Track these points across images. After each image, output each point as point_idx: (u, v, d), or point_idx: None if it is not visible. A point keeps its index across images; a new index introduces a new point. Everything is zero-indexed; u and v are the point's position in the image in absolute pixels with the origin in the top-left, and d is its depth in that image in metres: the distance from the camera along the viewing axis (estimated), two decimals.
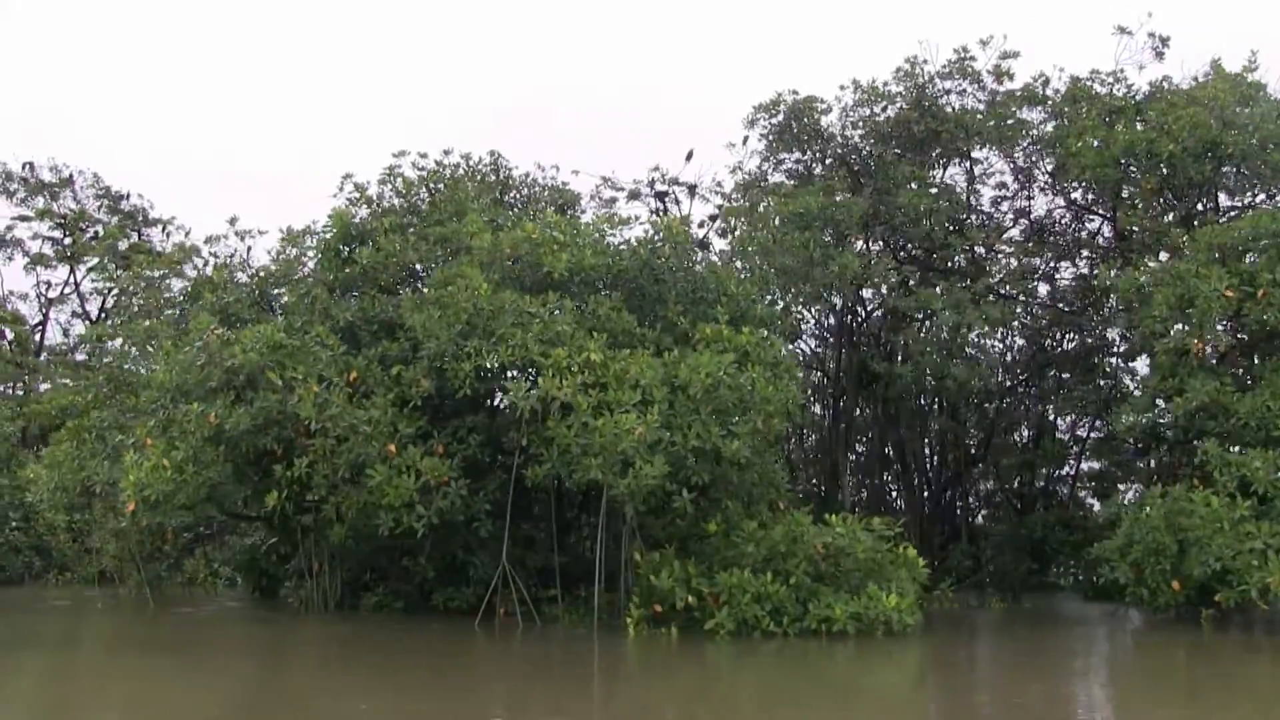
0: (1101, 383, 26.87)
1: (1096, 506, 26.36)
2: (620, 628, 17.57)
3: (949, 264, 25.81)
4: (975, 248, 25.90)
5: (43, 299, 42.58)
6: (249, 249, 25.12)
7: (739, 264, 23.73)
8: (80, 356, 42.68)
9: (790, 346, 24.33)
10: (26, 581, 29.30)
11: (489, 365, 17.62)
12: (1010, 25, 41.89)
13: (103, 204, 42.17)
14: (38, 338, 41.94)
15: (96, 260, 40.04)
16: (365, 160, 69.57)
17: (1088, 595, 24.82)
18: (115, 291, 41.29)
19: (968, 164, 27.32)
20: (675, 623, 16.96)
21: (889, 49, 60.27)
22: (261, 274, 22.95)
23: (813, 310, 25.26)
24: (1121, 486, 27.90)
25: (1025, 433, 29.04)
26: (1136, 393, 23.21)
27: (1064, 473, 28.97)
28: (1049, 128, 26.48)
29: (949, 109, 26.13)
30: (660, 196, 33.10)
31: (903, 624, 16.70)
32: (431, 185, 23.60)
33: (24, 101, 64.97)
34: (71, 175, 41.66)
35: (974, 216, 26.72)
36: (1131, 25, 26.14)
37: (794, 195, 24.31)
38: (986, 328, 23.12)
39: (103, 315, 42.58)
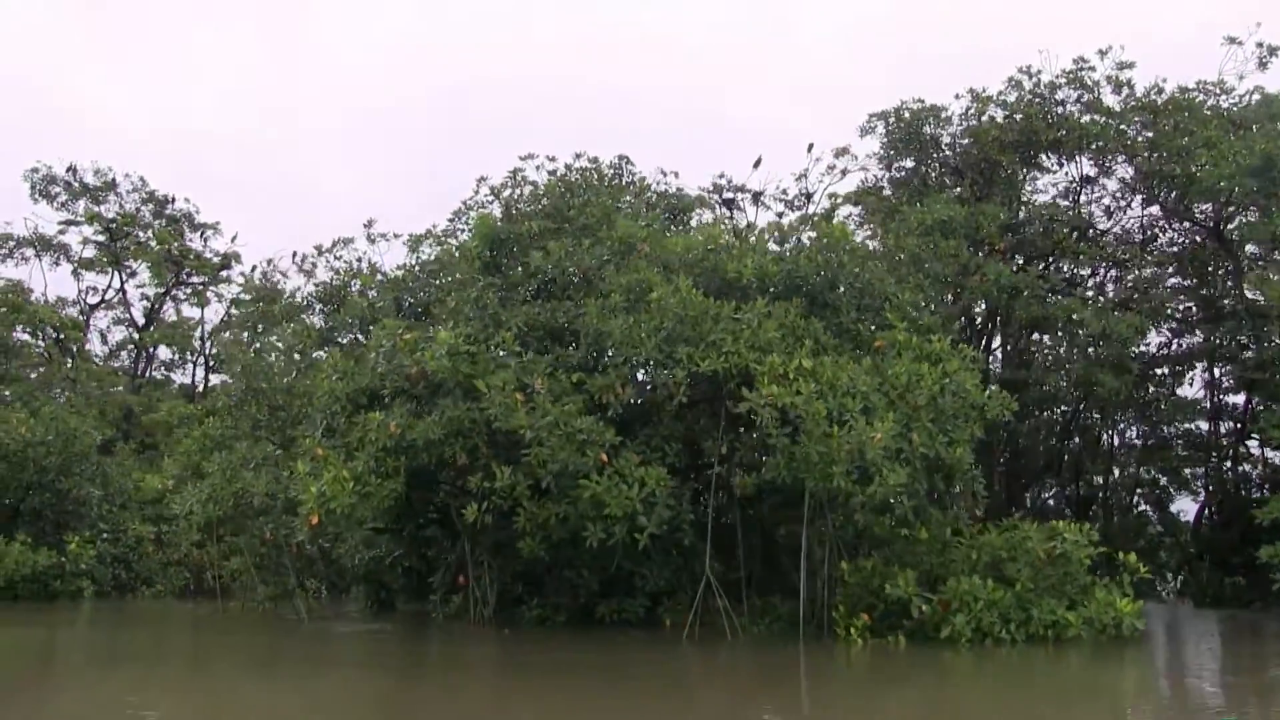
0: None
1: None
2: (815, 636, 17.43)
3: (1073, 272, 26.01)
4: (1099, 256, 26.09)
5: (84, 304, 41.42)
6: (365, 256, 24.65)
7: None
8: (119, 362, 41.60)
9: None
10: (111, 595, 28.22)
11: (704, 372, 17.30)
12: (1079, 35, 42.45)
13: (147, 207, 41.12)
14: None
15: (150, 265, 39.01)
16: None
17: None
18: (162, 294, 40.39)
19: (1083, 172, 27.55)
20: (900, 631, 16.79)
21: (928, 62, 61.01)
22: (409, 278, 22.42)
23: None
24: None
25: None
26: None
27: None
28: (1149, 134, 26.83)
29: (1069, 118, 26.33)
30: (728, 204, 33.10)
31: (1131, 628, 16.68)
32: (578, 189, 23.27)
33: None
34: (114, 178, 40.60)
35: (1095, 225, 26.95)
36: (1240, 35, 26.66)
37: (931, 204, 24.32)
38: (1129, 335, 23.28)
39: (148, 322, 41.51)
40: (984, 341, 26.25)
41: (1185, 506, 35.37)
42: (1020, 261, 25.26)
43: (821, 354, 18.15)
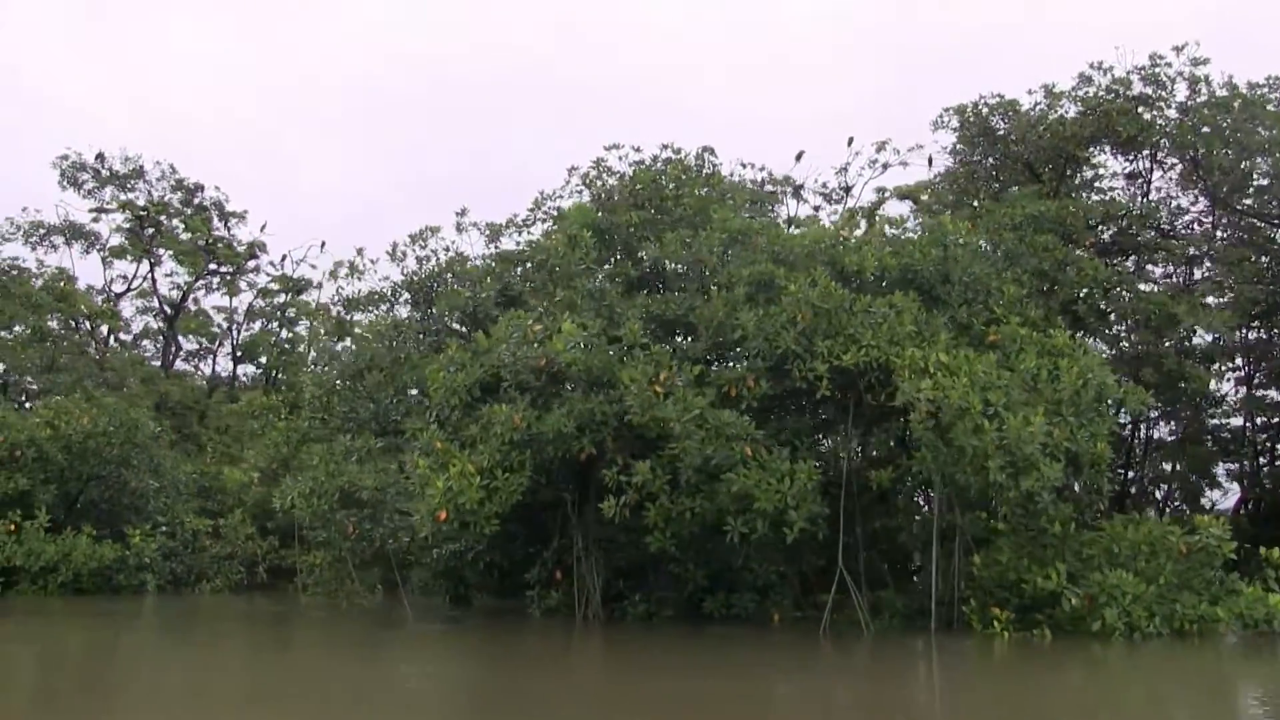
0: None
1: None
2: (938, 630, 17.46)
3: (1144, 267, 26.20)
4: (1172, 251, 26.32)
5: (110, 292, 40.59)
6: (453, 246, 24.28)
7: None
8: (144, 351, 40.85)
9: None
10: (167, 590, 27.61)
11: (847, 365, 17.23)
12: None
13: (177, 196, 40.33)
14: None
15: (184, 255, 38.28)
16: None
17: None
18: (192, 283, 39.69)
19: (1150, 167, 27.76)
20: (1044, 624, 16.85)
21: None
22: (507, 268, 22.12)
23: None
24: None
25: None
26: None
27: None
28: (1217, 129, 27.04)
29: (1145, 115, 26.51)
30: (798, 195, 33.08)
31: None
32: (669, 181, 23.08)
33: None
34: (142, 166, 39.77)
35: (1161, 221, 27.18)
36: None
37: (1019, 198, 24.41)
38: (1225, 331, 23.48)
39: (176, 311, 40.74)
40: (1079, 336, 26.40)
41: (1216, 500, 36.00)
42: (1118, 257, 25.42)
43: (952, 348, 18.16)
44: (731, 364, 18.63)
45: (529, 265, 21.91)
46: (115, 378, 33.36)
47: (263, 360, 42.08)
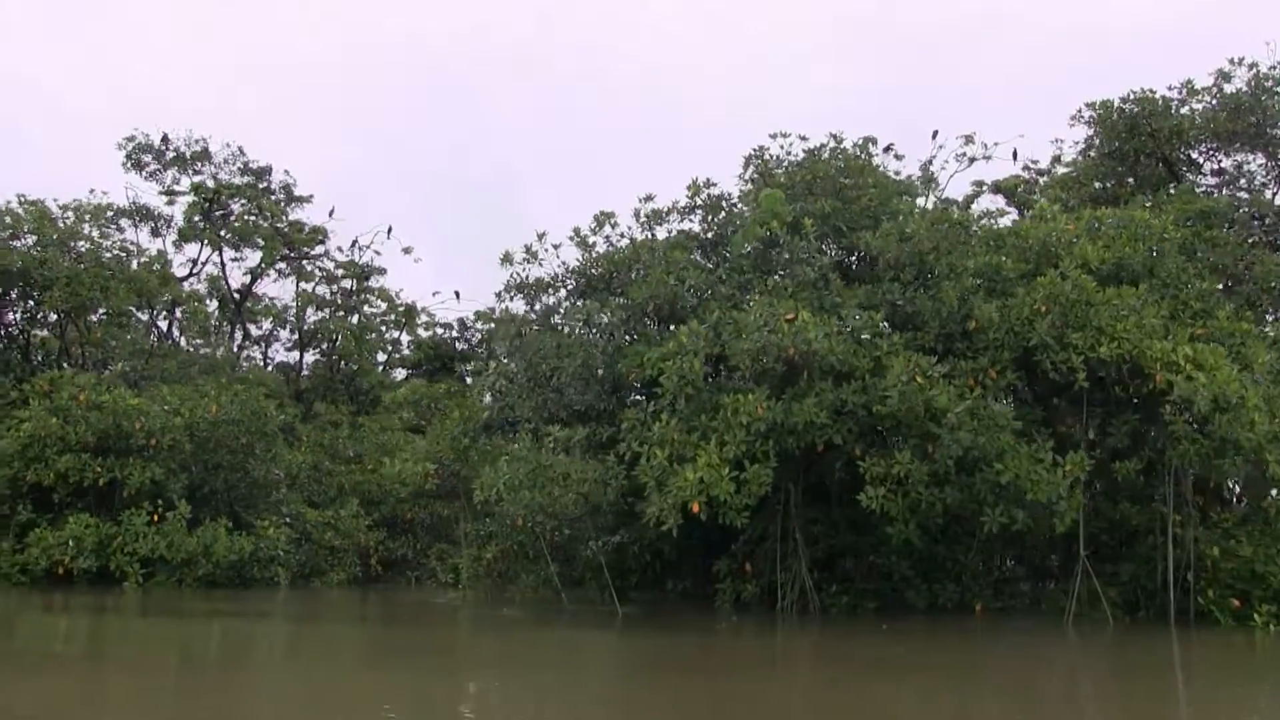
0: None
1: None
2: (1173, 620, 17.65)
3: None
4: None
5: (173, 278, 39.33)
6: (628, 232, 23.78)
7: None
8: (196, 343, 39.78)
9: None
10: (280, 582, 26.51)
11: (1102, 357, 17.26)
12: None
13: (244, 178, 39.21)
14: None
15: (263, 240, 37.27)
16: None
17: None
18: (263, 267, 38.71)
19: None
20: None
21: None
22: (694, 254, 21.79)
23: None
24: None
25: None
26: None
27: None
28: None
29: None
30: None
31: None
32: (851, 170, 22.94)
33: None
34: (206, 147, 38.57)
35: None
36: None
37: (1181, 194, 24.66)
38: None
39: (244, 296, 39.67)
40: None
41: None
42: None
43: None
44: (960, 356, 18.50)
45: (722, 253, 21.61)
46: (206, 364, 32.38)
47: (323, 347, 41.19)
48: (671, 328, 20.32)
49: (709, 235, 23.60)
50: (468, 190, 72.53)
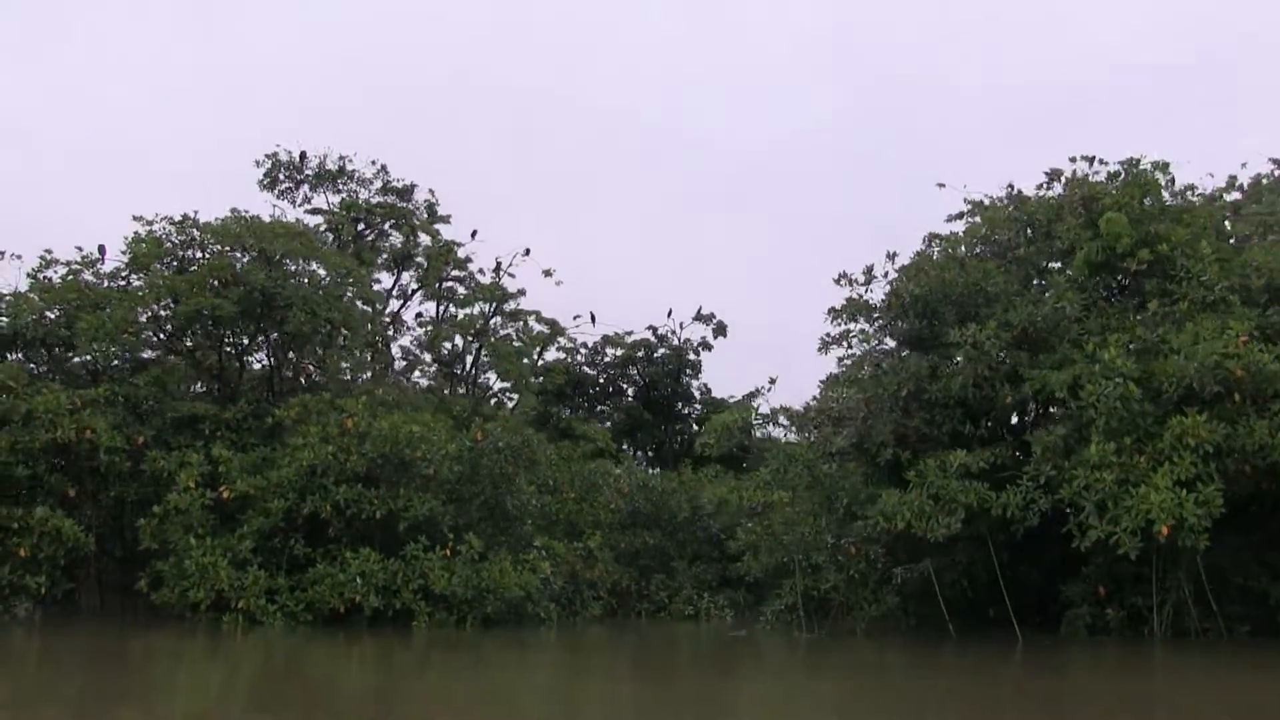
0: None
1: None
2: None
3: None
4: None
5: None
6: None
7: None
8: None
9: None
10: (548, 619, 24.87)
11: None
12: None
13: (387, 198, 37.80)
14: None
15: (429, 260, 35.97)
16: None
17: None
18: (416, 290, 37.42)
19: None
20: None
21: None
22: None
23: None
24: None
25: None
26: None
27: None
28: None
29: None
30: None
31: None
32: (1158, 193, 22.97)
33: None
34: (344, 165, 37.13)
35: None
36: None
37: None
38: None
39: (390, 319, 38.17)
40: None
41: None
42: None
43: None
44: None
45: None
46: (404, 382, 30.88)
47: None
48: (1056, 349, 20.07)
49: (1019, 252, 23.32)
50: None
